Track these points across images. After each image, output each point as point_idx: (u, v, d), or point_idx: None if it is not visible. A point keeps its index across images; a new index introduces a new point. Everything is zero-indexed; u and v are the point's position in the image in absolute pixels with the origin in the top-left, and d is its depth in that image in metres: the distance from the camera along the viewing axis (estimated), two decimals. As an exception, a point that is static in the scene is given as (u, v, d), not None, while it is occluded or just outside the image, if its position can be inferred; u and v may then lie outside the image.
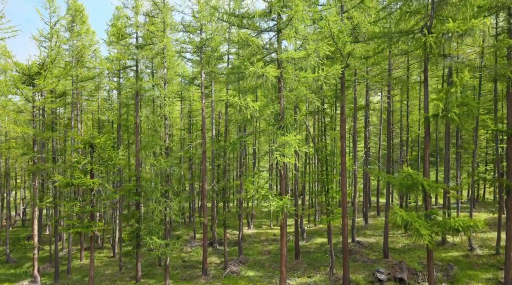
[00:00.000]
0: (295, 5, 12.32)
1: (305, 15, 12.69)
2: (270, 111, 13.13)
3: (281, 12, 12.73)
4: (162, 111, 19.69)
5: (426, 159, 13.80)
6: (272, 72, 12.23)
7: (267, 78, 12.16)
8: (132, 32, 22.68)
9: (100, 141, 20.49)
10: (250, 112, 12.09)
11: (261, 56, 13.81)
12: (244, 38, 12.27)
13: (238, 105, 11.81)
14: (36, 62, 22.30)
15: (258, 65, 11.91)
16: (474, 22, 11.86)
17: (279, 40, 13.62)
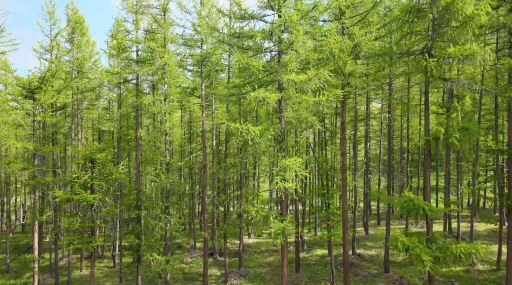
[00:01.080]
0: (296, 30, 12.31)
1: (305, 39, 12.68)
2: (271, 134, 13.09)
3: (282, 36, 12.72)
4: (162, 127, 19.68)
5: (426, 182, 13.77)
6: (273, 96, 12.22)
7: (268, 103, 12.14)
8: (132, 46, 22.67)
9: (100, 156, 20.48)
10: (251, 138, 12.07)
11: (262, 76, 13.78)
12: (244, 62, 12.26)
13: (239, 131, 11.80)
14: (37, 76, 22.29)
15: (259, 91, 11.90)
16: (475, 48, 11.85)
17: (280, 62, 13.59)
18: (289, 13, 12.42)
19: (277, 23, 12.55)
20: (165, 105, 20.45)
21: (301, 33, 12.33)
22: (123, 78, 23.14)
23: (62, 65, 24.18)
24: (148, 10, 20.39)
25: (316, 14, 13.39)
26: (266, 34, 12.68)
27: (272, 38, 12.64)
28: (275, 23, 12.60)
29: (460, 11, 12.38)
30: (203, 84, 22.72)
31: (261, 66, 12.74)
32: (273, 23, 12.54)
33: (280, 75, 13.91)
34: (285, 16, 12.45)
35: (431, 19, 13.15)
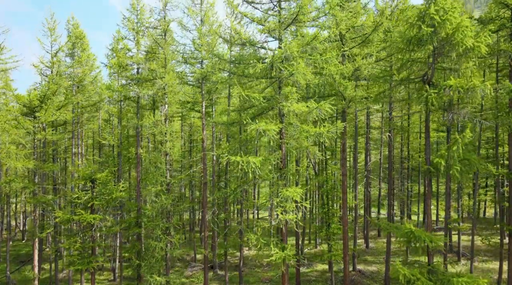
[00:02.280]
0: (296, 62, 12.31)
1: (306, 70, 12.69)
2: (272, 164, 13.09)
3: (282, 68, 12.72)
4: (163, 147, 19.68)
5: (427, 210, 13.75)
6: (273, 128, 12.22)
7: (269, 135, 12.14)
8: (133, 64, 22.67)
9: (101, 176, 20.48)
10: (252, 170, 12.06)
11: (262, 105, 13.77)
12: (245, 94, 12.25)
13: (240, 164, 11.79)
14: (37, 94, 22.30)
15: (260, 124, 11.90)
16: (475, 82, 11.86)
17: (281, 89, 13.59)
18: (289, 45, 12.43)
19: (277, 54, 12.56)
20: (166, 125, 20.46)
21: (301, 65, 12.34)
22: (123, 95, 23.16)
23: (63, 82, 24.18)
24: (149, 31, 20.41)
25: (317, 43, 13.39)
26: (266, 66, 12.69)
27: (272, 71, 12.64)
28: (275, 55, 12.60)
29: (460, 43, 12.40)
30: (203, 101, 22.73)
31: (261, 97, 12.74)
32: (273, 55, 12.55)
33: (281, 102, 13.92)
34: (285, 48, 12.45)
35: (431, 49, 13.16)
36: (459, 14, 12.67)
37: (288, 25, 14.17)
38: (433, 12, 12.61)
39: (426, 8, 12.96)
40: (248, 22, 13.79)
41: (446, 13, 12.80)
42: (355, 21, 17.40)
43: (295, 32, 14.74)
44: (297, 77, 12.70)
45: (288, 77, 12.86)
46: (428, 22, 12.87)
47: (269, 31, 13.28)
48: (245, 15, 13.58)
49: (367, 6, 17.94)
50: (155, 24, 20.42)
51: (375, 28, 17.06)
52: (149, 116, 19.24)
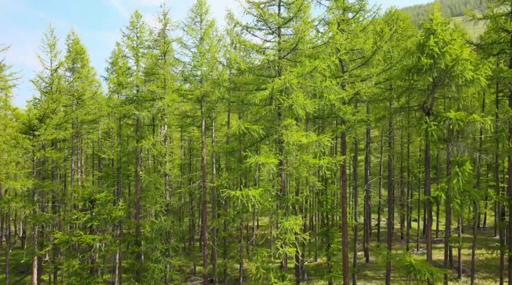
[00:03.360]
0: (295, 95, 12.29)
1: (305, 101, 12.66)
2: (271, 196, 13.05)
3: (282, 100, 12.70)
4: (162, 168, 19.65)
5: (428, 242, 13.70)
6: (272, 161, 12.19)
7: (268, 168, 12.11)
8: (133, 83, 22.63)
9: (100, 196, 20.41)
10: (252, 204, 12.02)
11: (261, 137, 13.74)
12: (244, 127, 12.23)
13: (239, 199, 11.75)
14: (36, 114, 22.25)
15: (260, 158, 11.86)
16: (475, 116, 11.84)
17: (281, 123, 13.56)
18: (288, 78, 12.41)
19: (276, 85, 12.53)
20: (165, 146, 20.43)
21: (301, 98, 12.32)
22: (123, 114, 23.13)
23: (63, 98, 24.16)
24: (149, 51, 20.41)
25: (316, 73, 13.37)
26: (265, 97, 12.66)
27: (272, 104, 12.61)
28: (274, 86, 12.58)
29: (460, 75, 12.37)
30: (203, 120, 22.70)
31: (260, 129, 12.71)
32: (272, 86, 12.52)
33: (280, 130, 13.88)
34: (285, 80, 12.43)
35: (431, 81, 13.13)
36: (459, 45, 12.65)
37: (287, 53, 14.15)
38: (433, 44, 12.59)
39: (425, 40, 12.94)
40: (248, 50, 13.75)
41: (446, 44, 12.78)
42: (354, 44, 17.37)
43: (295, 58, 14.72)
44: (296, 108, 12.67)
45: (287, 108, 12.83)
46: (427, 53, 12.85)
47: (269, 61, 13.27)
48: (244, 45, 13.57)
49: (366, 29, 17.87)
50: (155, 45, 20.40)
51: (374, 52, 17.04)
52: (148, 137, 19.20)
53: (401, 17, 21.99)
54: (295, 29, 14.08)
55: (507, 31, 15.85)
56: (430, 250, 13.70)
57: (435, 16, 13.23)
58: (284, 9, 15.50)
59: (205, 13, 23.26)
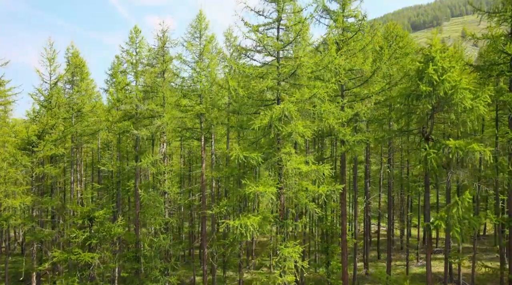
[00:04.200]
0: (294, 124, 12.26)
1: (304, 129, 12.62)
2: (271, 223, 13.01)
3: (280, 128, 12.66)
4: (161, 186, 19.61)
5: (428, 267, 13.66)
6: (271, 190, 12.15)
7: (267, 197, 12.07)
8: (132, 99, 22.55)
9: (99, 214, 20.37)
10: (250, 233, 11.98)
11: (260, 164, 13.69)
12: (242, 156, 12.20)
13: (238, 229, 11.71)
14: (35, 130, 22.20)
15: (259, 188, 11.83)
16: (474, 146, 11.81)
17: (280, 149, 13.51)
18: (287, 106, 12.38)
19: (275, 114, 12.51)
20: (165, 163, 20.39)
21: (300, 127, 12.29)
22: (122, 129, 23.09)
23: (62, 113, 24.13)
24: (148, 68, 20.40)
25: (316, 99, 13.34)
26: (264, 125, 12.63)
27: (271, 130, 12.58)
28: (274, 113, 12.56)
29: (459, 103, 12.35)
30: (202, 136, 22.66)
31: (259, 157, 12.68)
32: (272, 114, 12.50)
33: (280, 155, 13.84)
34: (284, 108, 12.41)
35: (430, 108, 13.12)
36: (458, 72, 12.64)
37: (287, 78, 14.14)
38: (432, 72, 12.58)
39: (424, 67, 12.92)
40: (247, 75, 13.73)
41: (445, 71, 12.77)
42: (353, 64, 17.37)
43: (294, 81, 14.70)
44: (296, 136, 12.64)
45: (286, 136, 12.81)
46: (426, 80, 12.83)
47: (267, 88, 13.24)
48: (243, 70, 13.54)
49: (365, 48, 17.87)
50: (154, 62, 20.38)
51: (374, 72, 17.03)
52: (147, 155, 19.16)
53: (400, 33, 21.98)
54: (294, 54, 14.06)
55: (507, 53, 15.81)
56: (430, 276, 13.65)
57: (434, 42, 13.22)
58: (283, 31, 15.50)
59: (204, 29, 23.25)
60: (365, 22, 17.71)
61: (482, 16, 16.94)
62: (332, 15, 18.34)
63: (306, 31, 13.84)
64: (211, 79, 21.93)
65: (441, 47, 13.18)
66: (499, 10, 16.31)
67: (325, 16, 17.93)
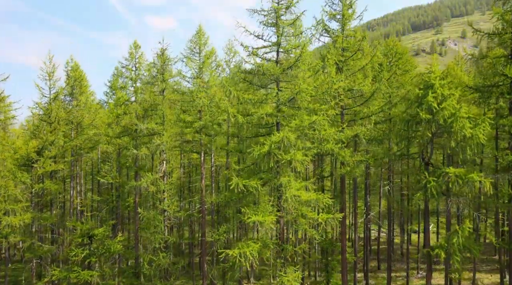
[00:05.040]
0: (294, 152, 12.25)
1: (304, 157, 12.61)
2: (270, 250, 12.98)
3: (280, 156, 12.65)
4: (161, 205, 19.58)
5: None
6: (270, 219, 12.13)
7: (266, 226, 12.05)
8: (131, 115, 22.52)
9: (98, 232, 20.35)
10: (250, 262, 11.95)
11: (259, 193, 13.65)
12: (242, 184, 12.19)
13: (237, 259, 11.69)
14: (35, 146, 22.17)
15: (258, 218, 11.81)
16: (474, 176, 11.78)
17: (280, 178, 13.47)
18: (287, 134, 12.37)
19: (274, 141, 12.49)
20: (164, 181, 20.36)
21: (299, 155, 12.28)
22: (122, 145, 23.06)
23: (61, 127, 24.10)
24: (148, 86, 20.38)
25: (316, 125, 13.32)
26: (263, 154, 12.61)
27: (270, 159, 12.57)
28: (273, 141, 12.54)
29: (458, 132, 12.34)
30: (201, 151, 22.64)
31: (259, 184, 12.66)
32: (271, 142, 12.49)
33: (279, 182, 13.81)
34: (283, 136, 12.39)
35: (429, 136, 13.10)
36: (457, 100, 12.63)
37: (286, 102, 14.13)
38: (431, 100, 12.57)
39: (424, 94, 12.91)
40: (246, 101, 13.72)
41: (445, 98, 12.75)
42: (353, 85, 17.37)
43: (293, 105, 14.68)
44: (295, 164, 12.63)
45: (286, 164, 12.80)
46: (426, 107, 12.82)
47: (266, 115, 13.23)
48: (242, 97, 13.53)
49: (365, 67, 17.87)
50: (153, 81, 20.37)
51: (373, 93, 17.02)
52: (147, 174, 19.13)
53: (400, 49, 21.94)
54: (293, 82, 14.06)
55: (506, 76, 15.78)
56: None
57: (433, 69, 13.21)
58: (283, 54, 15.49)
59: (204, 44, 23.24)
60: (365, 41, 17.70)
61: (482, 37, 16.92)
62: (332, 34, 18.36)
63: (305, 59, 13.81)
64: (211, 95, 21.91)
65: (440, 74, 13.14)
66: (499, 31, 16.30)
67: (325, 35, 17.95)
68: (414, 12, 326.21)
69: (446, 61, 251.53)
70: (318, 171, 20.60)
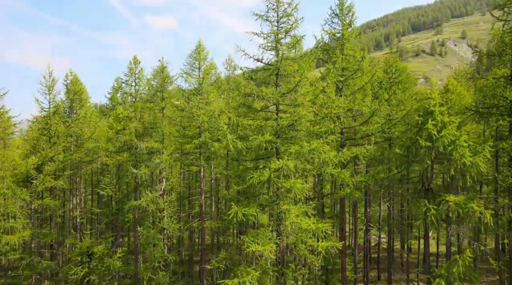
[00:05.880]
0: (293, 181, 12.22)
1: (303, 185, 12.59)
2: (270, 277, 12.95)
3: (279, 184, 12.64)
4: (161, 224, 19.55)
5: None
6: (269, 248, 12.11)
7: (265, 255, 12.02)
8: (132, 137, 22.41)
9: (98, 250, 20.35)
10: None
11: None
12: (241, 213, 12.16)
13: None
14: (34, 162, 22.14)
15: (258, 247, 11.79)
16: (474, 207, 11.75)
17: (279, 207, 13.43)
18: (287, 162, 12.35)
19: (274, 168, 12.46)
20: (164, 199, 20.33)
21: (299, 183, 12.25)
22: (121, 161, 23.03)
23: (61, 141, 24.07)
24: (147, 104, 20.36)
25: (315, 152, 13.29)
26: (264, 180, 12.59)
27: (270, 186, 12.55)
28: (272, 169, 12.52)
29: (458, 160, 12.30)
30: (201, 167, 22.60)
31: (258, 212, 12.64)
32: (270, 175, 12.48)
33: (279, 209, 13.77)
34: (283, 164, 12.36)
35: (429, 164, 13.07)
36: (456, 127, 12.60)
37: (285, 127, 14.11)
38: (431, 127, 12.53)
39: (423, 121, 12.88)
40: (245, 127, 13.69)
41: (444, 125, 12.72)
42: (353, 105, 17.34)
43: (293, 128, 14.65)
44: (294, 191, 12.60)
45: (285, 192, 12.78)
46: (425, 134, 12.79)
47: (266, 142, 13.20)
48: (242, 124, 13.50)
49: (365, 87, 17.84)
50: (153, 99, 20.34)
51: (373, 114, 16.99)
52: (146, 193, 19.11)
53: (399, 67, 21.89)
54: (293, 104, 14.03)
55: (505, 98, 15.73)
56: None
57: (433, 95, 13.19)
58: (282, 77, 15.45)
59: (204, 59, 23.22)
60: (364, 61, 17.68)
61: (482, 57, 16.89)
62: (332, 53, 18.33)
63: (304, 86, 13.78)
64: (210, 111, 21.89)
65: (439, 100, 13.10)
66: (499, 53, 16.26)
67: (324, 58, 17.93)
68: (414, 12, 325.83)
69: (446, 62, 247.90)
70: (318, 188, 20.59)
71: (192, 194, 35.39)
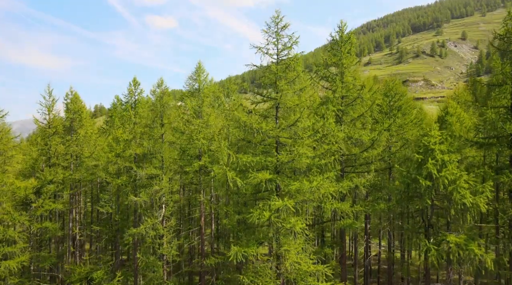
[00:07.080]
0: (293, 224, 12.18)
1: (303, 225, 12.55)
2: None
3: (281, 225, 12.61)
4: (160, 250, 19.50)
5: None
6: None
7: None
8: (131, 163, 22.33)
9: (97, 275, 20.29)
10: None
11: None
12: (241, 255, 12.13)
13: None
14: (34, 185, 22.09)
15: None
16: (475, 250, 11.70)
17: (280, 249, 13.39)
18: (288, 202, 12.31)
19: (274, 208, 12.43)
20: (163, 224, 20.28)
21: (299, 224, 12.21)
22: (120, 183, 22.97)
23: (59, 166, 24.03)
24: (147, 130, 20.32)
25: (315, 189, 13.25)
26: (264, 220, 12.56)
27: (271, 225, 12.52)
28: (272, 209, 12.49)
29: (459, 201, 12.25)
30: (201, 188, 22.55)
31: (257, 251, 12.60)
32: (270, 217, 12.46)
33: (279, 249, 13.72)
34: (284, 203, 12.34)
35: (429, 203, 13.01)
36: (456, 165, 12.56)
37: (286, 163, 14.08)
38: (431, 167, 12.49)
39: (423, 159, 12.84)
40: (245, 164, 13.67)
41: (444, 164, 12.67)
42: (353, 134, 17.30)
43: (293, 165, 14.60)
44: (295, 230, 12.56)
45: (285, 232, 12.75)
46: (425, 173, 12.74)
47: (266, 181, 13.17)
48: (241, 159, 13.47)
49: (365, 114, 17.80)
50: (153, 125, 20.30)
51: (373, 143, 16.95)
52: (146, 220, 19.06)
53: (399, 90, 21.82)
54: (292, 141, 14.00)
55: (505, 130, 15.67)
56: None
57: (433, 133, 13.13)
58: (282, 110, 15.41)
59: (203, 81, 23.21)
60: (364, 90, 17.64)
61: (482, 86, 16.84)
62: (331, 80, 18.30)
63: (304, 122, 13.73)
64: (210, 135, 21.85)
65: (439, 138, 13.02)
66: (499, 83, 16.23)
67: (324, 86, 17.90)
68: (414, 13, 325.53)
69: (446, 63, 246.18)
70: (319, 213, 20.54)
71: (192, 212, 35.28)
